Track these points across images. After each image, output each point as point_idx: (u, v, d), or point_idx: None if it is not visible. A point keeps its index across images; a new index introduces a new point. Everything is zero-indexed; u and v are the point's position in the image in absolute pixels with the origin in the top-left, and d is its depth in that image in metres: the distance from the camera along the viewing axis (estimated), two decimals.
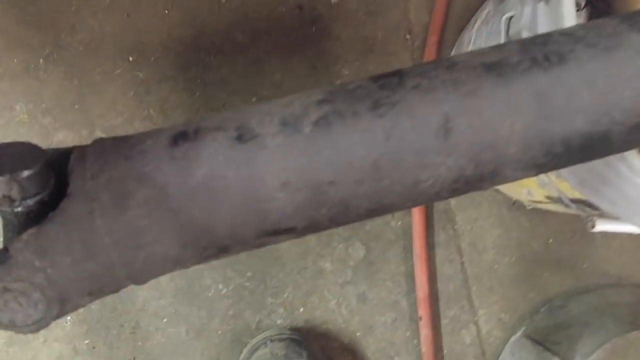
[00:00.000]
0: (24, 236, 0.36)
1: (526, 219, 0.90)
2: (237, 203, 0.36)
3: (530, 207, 0.88)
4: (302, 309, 0.87)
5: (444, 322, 0.89)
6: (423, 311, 0.87)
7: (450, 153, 0.37)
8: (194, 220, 0.37)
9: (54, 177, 0.38)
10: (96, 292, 0.38)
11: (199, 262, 0.38)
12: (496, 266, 0.90)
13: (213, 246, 0.38)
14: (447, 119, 0.37)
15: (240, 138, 0.37)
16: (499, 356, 0.89)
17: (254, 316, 0.87)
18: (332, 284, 0.88)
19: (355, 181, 0.37)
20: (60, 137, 0.86)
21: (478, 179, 0.39)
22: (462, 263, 0.90)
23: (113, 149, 0.38)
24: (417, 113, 0.37)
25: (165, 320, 0.86)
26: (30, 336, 0.87)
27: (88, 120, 0.86)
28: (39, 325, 0.37)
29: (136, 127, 0.86)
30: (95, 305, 0.87)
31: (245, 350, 0.83)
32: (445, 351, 0.89)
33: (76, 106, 0.86)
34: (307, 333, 0.86)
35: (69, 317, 0.87)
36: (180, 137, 0.38)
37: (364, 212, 0.39)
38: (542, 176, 0.70)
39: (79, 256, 0.36)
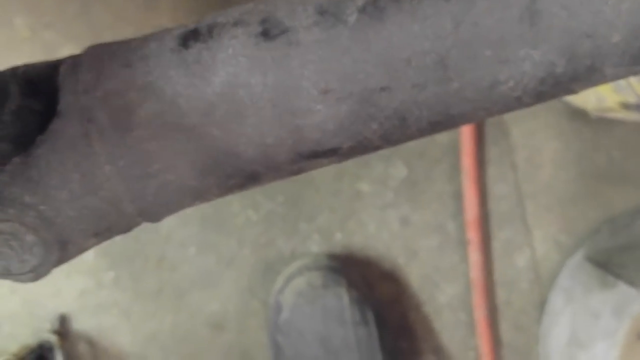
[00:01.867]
0: (9, 167, 0.28)
1: (589, 130, 0.80)
2: (266, 118, 0.28)
3: (595, 117, 0.77)
4: (339, 235, 0.80)
5: (495, 245, 0.81)
6: (472, 234, 0.79)
7: (537, 44, 0.28)
8: (214, 141, 0.29)
9: (41, 96, 0.30)
10: (103, 233, 0.31)
11: (223, 193, 0.31)
12: (554, 183, 0.81)
13: (239, 174, 0.30)
14: None
15: (266, 34, 0.28)
16: (555, 280, 0.81)
17: (287, 243, 0.80)
18: (371, 207, 0.80)
19: (415, 85, 0.28)
20: (65, 53, 0.77)
21: (571, 78, 0.30)
22: (516, 180, 0.81)
23: (110, 56, 0.30)
24: None
25: (192, 250, 0.81)
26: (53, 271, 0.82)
27: (94, 33, 0.77)
28: (37, 272, 0.30)
29: None
30: (117, 237, 0.82)
31: (279, 280, 0.77)
32: (496, 276, 0.82)
33: (81, 18, 0.77)
34: (345, 260, 0.80)
35: (91, 250, 0.82)
36: (191, 37, 0.29)
37: (425, 127, 0.30)
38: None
39: (78, 189, 0.29)
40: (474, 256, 0.79)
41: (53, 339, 0.81)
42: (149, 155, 0.29)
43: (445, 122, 0.30)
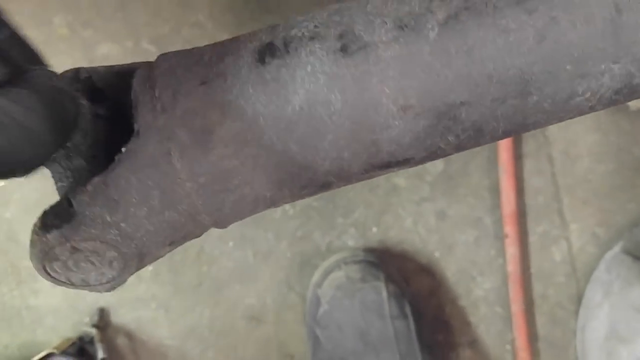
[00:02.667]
0: (89, 187, 0.29)
1: (627, 123, 0.80)
2: (345, 134, 0.28)
3: (633, 110, 0.77)
4: (375, 229, 0.81)
5: (531, 238, 0.81)
6: (510, 228, 0.79)
7: (618, 57, 0.28)
8: (292, 157, 0.29)
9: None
10: (178, 241, 0.31)
11: (293, 200, 0.31)
12: (591, 176, 0.81)
13: (313, 184, 0.30)
14: (619, 10, 0.27)
15: (344, 49, 0.28)
16: (592, 274, 0.81)
17: (323, 237, 0.81)
18: (407, 202, 0.80)
19: (495, 100, 0.28)
20: (103, 51, 0.78)
21: None
22: (553, 174, 0.80)
23: (184, 70, 0.30)
24: (579, 4, 0.27)
25: (230, 244, 0.81)
26: None
27: (132, 30, 0.78)
28: (115, 283, 0.31)
29: (184, 35, 0.78)
30: None
31: (317, 274, 0.77)
32: (532, 270, 0.82)
33: (118, 15, 0.78)
34: (381, 254, 0.80)
35: None
36: (268, 52, 0.29)
37: (499, 136, 0.30)
38: None
39: (157, 205, 0.29)
40: (511, 250, 0.79)
41: (93, 332, 0.82)
42: (228, 172, 0.29)
43: (517, 131, 0.30)
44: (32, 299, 0.83)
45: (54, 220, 0.29)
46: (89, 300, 0.83)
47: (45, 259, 0.29)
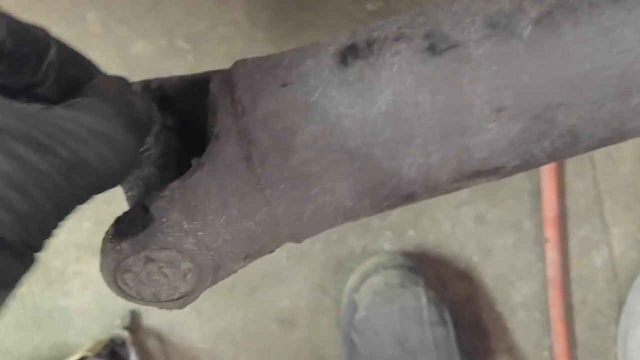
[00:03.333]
0: (167, 192, 0.27)
1: None
2: (433, 137, 0.27)
3: None
4: (411, 232, 0.79)
5: (572, 243, 0.79)
6: (550, 232, 0.77)
7: None
8: (377, 162, 0.27)
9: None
10: (252, 255, 0.30)
11: (373, 213, 0.30)
12: (633, 180, 0.79)
13: (397, 194, 0.29)
14: None
15: (433, 49, 0.27)
16: (634, 280, 0.79)
17: (358, 241, 0.79)
18: (445, 204, 0.79)
19: (595, 102, 0.27)
20: (137, 49, 0.77)
21: None
22: (595, 177, 0.78)
23: (263, 74, 0.28)
24: None
25: None
26: None
27: (166, 28, 0.76)
28: (187, 299, 0.29)
29: (221, 33, 0.76)
30: None
31: (353, 278, 0.76)
32: (572, 275, 0.80)
33: (152, 13, 0.77)
34: (418, 258, 0.78)
35: None
36: (350, 53, 0.28)
37: (595, 144, 0.28)
38: None
39: (236, 214, 0.28)
40: (551, 254, 0.77)
41: (125, 334, 0.81)
42: (309, 178, 0.28)
43: (615, 139, 0.28)
44: (62, 300, 0.82)
45: (128, 228, 0.28)
46: (120, 303, 0.82)
47: (117, 270, 0.28)
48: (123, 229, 0.28)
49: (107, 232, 0.29)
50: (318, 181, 0.28)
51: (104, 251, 0.28)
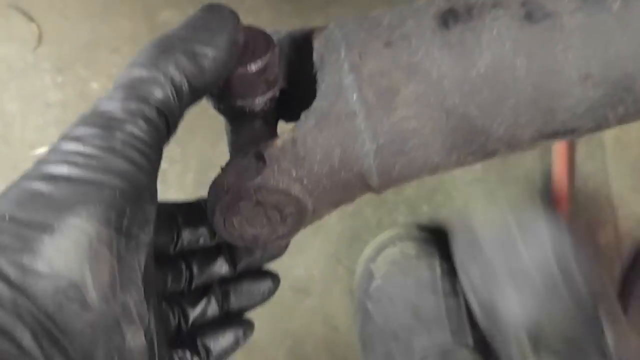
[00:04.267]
0: (279, 142, 0.30)
1: None
2: (525, 100, 0.29)
3: None
4: (425, 207, 0.81)
5: (579, 223, 0.82)
6: (559, 211, 0.80)
7: None
8: (470, 121, 0.30)
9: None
10: (341, 203, 0.32)
11: (453, 168, 0.32)
12: None
13: (481, 151, 0.31)
14: None
15: (529, 17, 0.29)
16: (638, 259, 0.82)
17: (374, 213, 0.82)
18: (459, 181, 0.81)
19: None
20: (165, 17, 0.78)
21: None
22: (604, 159, 0.81)
23: (366, 32, 0.30)
24: None
25: None
26: None
27: None
28: (281, 241, 0.32)
29: (248, 4, 0.77)
30: None
31: (369, 248, 0.78)
32: None
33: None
34: (431, 232, 0.81)
35: None
36: (451, 17, 0.30)
37: None
38: None
39: (337, 165, 0.30)
40: None
41: None
42: (407, 134, 0.30)
43: None
44: None
45: (243, 172, 0.30)
46: None
47: (228, 212, 0.30)
48: (235, 174, 0.30)
49: (219, 176, 0.31)
50: (414, 136, 0.30)
51: (216, 195, 0.30)
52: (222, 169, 0.31)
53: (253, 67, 0.30)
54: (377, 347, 0.75)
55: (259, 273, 0.37)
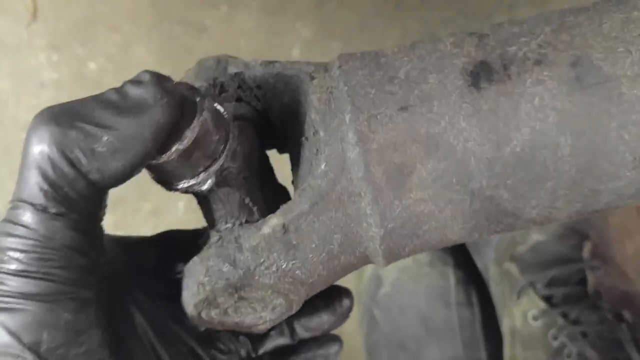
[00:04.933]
0: (266, 230, 0.25)
1: None
2: (566, 183, 0.24)
3: None
4: None
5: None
6: None
7: None
8: (499, 204, 0.24)
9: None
10: (336, 280, 0.28)
11: (471, 240, 0.27)
12: None
13: (507, 230, 0.26)
14: None
15: (580, 81, 0.23)
16: None
17: None
18: None
19: None
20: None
21: None
22: None
23: (378, 88, 0.24)
24: None
25: None
26: (139, 222, 0.79)
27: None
28: (269, 325, 0.27)
29: None
30: None
31: None
32: None
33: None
34: None
35: (181, 203, 0.79)
36: (483, 74, 0.24)
37: None
38: None
39: (336, 250, 0.26)
40: None
41: None
42: (421, 217, 0.25)
43: None
44: None
45: (222, 267, 0.25)
46: None
47: (204, 309, 0.26)
48: (215, 269, 0.25)
49: (192, 264, 0.26)
50: (430, 220, 0.25)
51: (190, 289, 0.26)
52: (199, 256, 0.26)
53: (178, 148, 0.24)
54: (383, 356, 0.71)
55: (324, 337, 0.32)
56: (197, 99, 0.24)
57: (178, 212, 0.80)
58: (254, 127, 0.28)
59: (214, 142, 0.25)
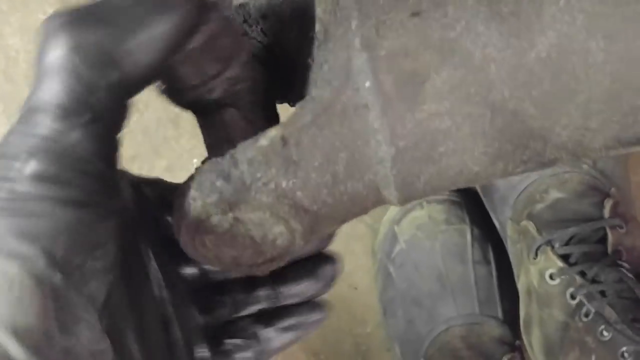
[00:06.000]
0: (264, 141, 0.23)
1: None
2: (600, 95, 0.21)
3: None
4: None
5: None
6: None
7: None
8: (524, 121, 0.22)
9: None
10: (347, 219, 0.26)
11: (500, 177, 0.25)
12: None
13: (536, 160, 0.24)
14: None
15: None
16: None
17: None
18: None
19: None
20: None
21: None
22: None
23: None
24: None
25: None
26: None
27: None
28: (271, 265, 0.26)
29: None
30: None
31: (394, 210, 0.72)
32: None
33: None
34: (465, 194, 0.74)
35: (196, 162, 0.78)
36: None
37: None
38: None
39: (342, 173, 0.24)
40: None
41: None
42: (437, 135, 0.23)
43: None
44: None
45: (214, 181, 0.23)
46: None
47: (197, 231, 0.24)
48: (207, 182, 0.24)
49: (185, 184, 0.25)
50: (447, 139, 0.23)
51: (181, 207, 0.24)
52: (192, 175, 0.25)
53: (195, 45, 0.23)
54: (399, 312, 0.71)
55: (308, 304, 0.32)
56: None
57: (192, 168, 0.80)
58: (261, 65, 0.26)
59: (228, 46, 0.24)
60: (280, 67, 0.27)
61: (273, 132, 0.23)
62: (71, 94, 0.21)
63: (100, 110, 0.21)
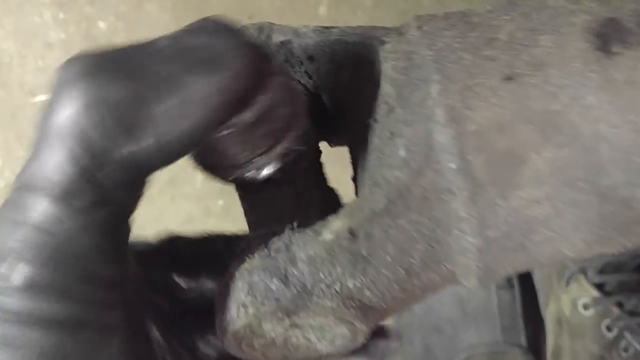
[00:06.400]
0: (328, 235, 0.19)
1: None
2: None
3: None
4: None
5: None
6: None
7: None
8: (634, 210, 0.19)
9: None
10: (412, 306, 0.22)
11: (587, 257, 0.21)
12: None
13: (634, 242, 0.20)
14: None
15: None
16: None
17: None
18: None
19: None
20: None
21: None
22: None
23: (472, 52, 0.19)
24: None
25: None
26: (155, 193, 0.75)
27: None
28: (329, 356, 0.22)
29: None
30: None
31: None
32: None
33: None
34: None
35: (199, 175, 0.74)
36: (614, 35, 0.18)
37: None
38: None
39: (417, 266, 0.20)
40: None
41: None
42: (532, 224, 0.19)
43: None
44: None
45: (270, 283, 0.19)
46: (149, 231, 0.76)
47: (246, 337, 0.20)
48: (260, 285, 0.20)
49: (231, 280, 0.20)
50: (545, 228, 0.19)
51: (228, 311, 0.20)
52: (239, 268, 0.20)
53: (245, 118, 0.19)
54: (416, 339, 0.67)
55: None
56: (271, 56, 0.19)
57: (196, 183, 0.76)
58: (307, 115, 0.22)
59: (284, 117, 0.20)
60: (326, 111, 0.23)
61: (339, 224, 0.20)
62: (74, 168, 0.16)
63: (108, 190, 0.17)
